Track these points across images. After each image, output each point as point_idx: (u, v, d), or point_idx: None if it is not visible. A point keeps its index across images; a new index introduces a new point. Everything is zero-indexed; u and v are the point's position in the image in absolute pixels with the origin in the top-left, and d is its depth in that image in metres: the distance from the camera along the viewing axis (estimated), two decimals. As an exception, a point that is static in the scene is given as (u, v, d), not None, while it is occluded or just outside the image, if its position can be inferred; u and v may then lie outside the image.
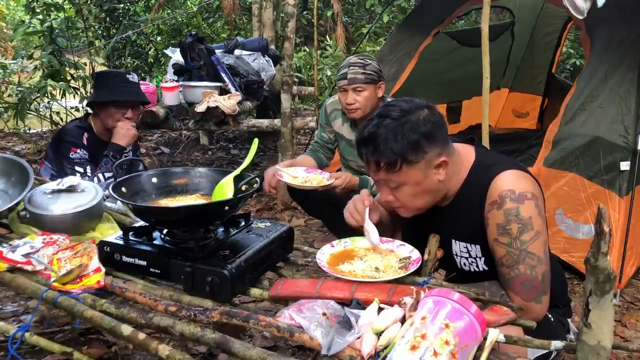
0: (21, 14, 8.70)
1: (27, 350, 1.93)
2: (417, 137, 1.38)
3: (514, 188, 1.39)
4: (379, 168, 1.41)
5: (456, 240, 1.54)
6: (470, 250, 1.52)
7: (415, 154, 1.39)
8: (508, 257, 1.39)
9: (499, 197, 1.39)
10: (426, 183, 1.43)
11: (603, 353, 0.97)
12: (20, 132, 5.94)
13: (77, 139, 2.72)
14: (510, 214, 1.37)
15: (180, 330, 1.22)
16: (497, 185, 1.41)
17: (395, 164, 1.38)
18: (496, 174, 1.42)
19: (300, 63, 7.83)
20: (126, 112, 2.76)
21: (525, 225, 1.37)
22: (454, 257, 1.56)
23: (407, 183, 1.42)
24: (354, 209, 1.57)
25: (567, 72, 6.81)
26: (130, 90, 2.81)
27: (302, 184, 2.46)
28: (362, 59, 2.63)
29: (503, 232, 1.39)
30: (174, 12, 8.12)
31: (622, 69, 2.73)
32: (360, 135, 1.46)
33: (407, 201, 1.46)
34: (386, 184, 1.45)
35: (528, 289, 1.38)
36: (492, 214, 1.40)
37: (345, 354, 1.07)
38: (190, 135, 5.81)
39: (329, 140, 2.93)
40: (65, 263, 1.49)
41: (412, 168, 1.40)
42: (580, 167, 2.69)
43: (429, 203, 1.49)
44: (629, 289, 2.62)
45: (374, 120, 1.43)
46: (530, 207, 1.38)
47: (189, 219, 1.45)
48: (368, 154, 1.43)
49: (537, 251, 1.38)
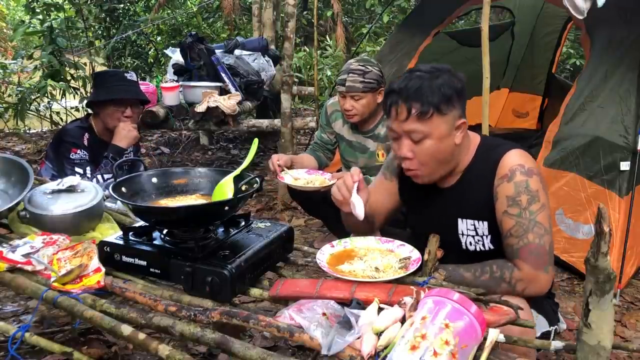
0: (21, 14, 8.70)
1: (27, 350, 1.93)
2: (449, 90, 1.44)
3: (523, 163, 1.48)
4: (409, 115, 1.44)
5: (463, 219, 1.56)
6: (477, 227, 1.55)
7: (446, 105, 1.44)
8: (517, 227, 1.44)
9: (510, 171, 1.47)
10: (446, 142, 1.47)
11: (603, 353, 0.97)
12: (20, 132, 5.94)
13: (78, 139, 2.71)
14: (521, 186, 1.45)
15: (180, 330, 1.22)
16: (507, 160, 1.48)
17: (428, 111, 1.42)
18: (505, 151, 1.50)
19: (300, 63, 7.83)
20: (125, 110, 2.74)
21: (533, 197, 1.44)
22: (460, 238, 1.58)
23: (431, 136, 1.45)
24: (342, 183, 1.55)
25: (567, 72, 6.81)
26: (128, 88, 2.80)
27: (304, 185, 2.46)
28: (362, 66, 2.58)
29: (513, 203, 1.45)
30: (174, 12, 8.12)
31: (622, 69, 2.73)
32: (390, 87, 1.49)
33: (425, 159, 1.48)
34: (409, 136, 1.47)
35: (536, 257, 1.42)
36: (502, 187, 1.47)
37: (345, 354, 1.07)
38: (190, 135, 5.81)
39: (329, 141, 2.93)
40: (65, 263, 1.49)
41: (441, 120, 1.44)
42: (580, 167, 2.69)
43: (442, 167, 1.52)
44: (629, 289, 2.62)
45: (405, 74, 1.49)
46: (537, 181, 1.46)
47: (189, 219, 1.45)
48: (399, 101, 1.45)
49: (544, 222, 1.44)
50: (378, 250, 1.51)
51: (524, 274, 1.43)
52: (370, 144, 2.76)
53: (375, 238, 1.57)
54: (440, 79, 1.45)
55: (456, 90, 1.46)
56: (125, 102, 2.75)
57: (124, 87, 2.79)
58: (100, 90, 2.80)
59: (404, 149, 1.49)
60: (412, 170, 1.52)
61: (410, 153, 1.48)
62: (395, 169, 1.72)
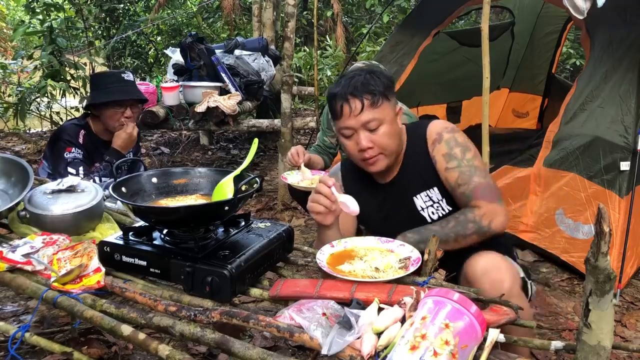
0: (21, 14, 8.70)
1: (27, 350, 1.93)
2: (387, 80, 1.64)
3: (445, 125, 1.70)
4: (363, 108, 1.59)
5: (417, 195, 1.71)
6: (431, 195, 1.69)
7: (389, 92, 1.64)
8: (462, 175, 1.62)
9: (437, 135, 1.68)
10: (395, 126, 1.65)
11: (603, 353, 0.97)
12: (20, 132, 5.95)
13: (74, 137, 2.70)
14: (451, 142, 1.65)
15: (180, 330, 1.22)
16: (432, 128, 1.70)
17: (378, 99, 1.59)
18: (427, 124, 1.72)
19: (300, 63, 7.84)
20: (125, 111, 2.74)
21: (464, 147, 1.64)
22: (422, 214, 1.71)
23: (384, 121, 1.61)
24: (317, 195, 1.51)
25: (567, 72, 6.82)
26: (126, 89, 2.79)
27: (308, 185, 2.46)
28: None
29: (450, 158, 1.64)
30: (174, 12, 8.13)
31: (622, 69, 2.73)
32: (333, 90, 1.64)
33: (384, 143, 1.62)
34: (366, 127, 1.61)
35: (489, 191, 1.60)
36: (436, 149, 1.66)
37: (345, 354, 1.07)
38: (190, 135, 5.81)
39: (331, 145, 2.94)
40: (65, 263, 1.49)
41: (388, 105, 1.62)
42: (580, 167, 2.69)
43: (397, 149, 1.67)
44: (629, 289, 2.62)
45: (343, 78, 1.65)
46: (462, 136, 1.68)
47: (189, 219, 1.45)
48: (350, 98, 1.59)
49: (481, 165, 1.65)
50: (378, 250, 1.51)
51: (484, 209, 1.56)
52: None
53: (375, 238, 1.57)
54: (376, 72, 1.64)
55: (391, 80, 1.67)
56: (124, 102, 2.74)
57: (122, 87, 2.78)
58: (98, 92, 2.79)
59: (363, 141, 1.61)
60: (373, 157, 1.63)
61: (370, 143, 1.61)
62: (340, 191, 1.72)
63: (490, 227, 1.56)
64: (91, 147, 2.75)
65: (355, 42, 8.52)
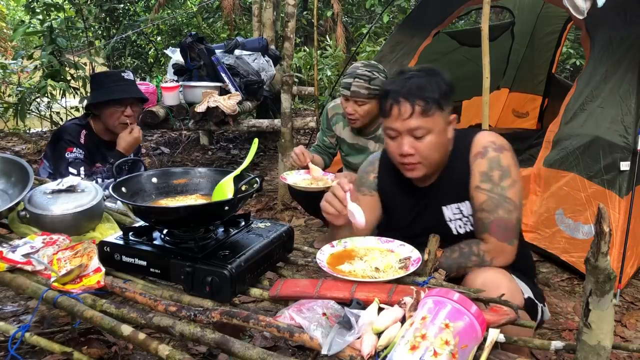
0: (21, 14, 8.70)
1: (27, 350, 1.93)
2: (445, 87, 1.54)
3: (493, 140, 1.59)
4: (413, 113, 1.50)
5: (447, 205, 1.63)
6: (462, 209, 1.62)
7: (445, 101, 1.53)
8: (489, 201, 1.53)
9: (483, 148, 1.57)
10: (443, 136, 1.55)
11: (603, 353, 0.97)
12: (20, 132, 5.94)
13: (75, 137, 2.70)
14: (493, 162, 1.55)
15: (180, 330, 1.22)
16: (480, 139, 1.60)
17: (431, 108, 1.50)
18: (476, 134, 1.62)
19: (300, 63, 7.84)
20: (125, 110, 2.73)
21: (505, 173, 1.54)
22: (449, 225, 1.64)
23: (432, 131, 1.52)
24: (332, 196, 1.54)
25: (567, 72, 6.82)
26: (127, 88, 2.79)
27: (307, 185, 2.46)
28: (369, 72, 2.56)
29: (486, 178, 1.55)
30: (174, 12, 8.12)
31: (622, 69, 2.73)
32: (388, 87, 1.55)
33: (426, 153, 1.53)
34: (412, 133, 1.52)
35: (504, 230, 1.52)
36: (477, 163, 1.57)
37: (345, 354, 1.07)
38: (190, 135, 5.81)
39: (331, 145, 2.94)
40: (65, 263, 1.49)
41: (440, 115, 1.52)
42: (580, 167, 2.69)
43: (440, 160, 1.59)
44: (629, 289, 2.62)
45: (399, 76, 1.55)
46: (509, 157, 1.56)
47: (189, 219, 1.45)
48: (401, 100, 1.50)
49: (514, 197, 1.53)
50: (378, 250, 1.51)
51: (491, 246, 1.52)
52: (371, 145, 2.76)
53: (375, 238, 1.57)
54: (435, 77, 1.54)
55: (450, 87, 1.55)
56: (124, 101, 2.74)
57: (122, 86, 2.78)
58: (98, 91, 2.79)
59: (406, 146, 1.53)
60: (412, 164, 1.56)
61: (411, 149, 1.53)
62: (372, 183, 1.76)
63: (492, 263, 1.52)
64: (92, 147, 2.75)
65: (355, 42, 8.52)
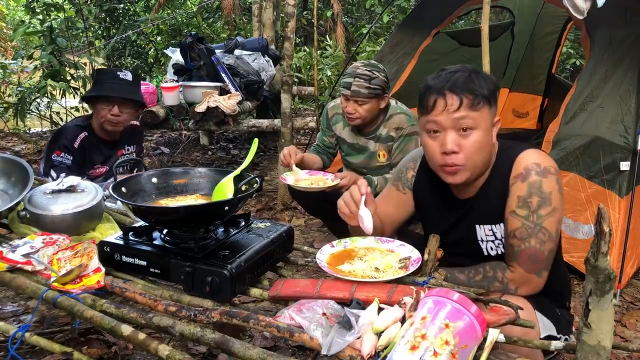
0: (21, 14, 8.70)
1: (27, 350, 1.93)
2: (493, 85, 1.45)
3: (539, 162, 1.45)
4: (461, 105, 1.40)
5: (481, 225, 1.54)
6: (495, 231, 1.53)
7: (494, 96, 1.45)
8: (522, 229, 1.43)
9: (525, 170, 1.44)
10: (488, 137, 1.45)
11: (603, 353, 0.97)
12: (20, 132, 5.94)
13: (70, 141, 2.69)
14: (534, 187, 1.42)
15: (180, 330, 1.22)
16: (523, 159, 1.46)
17: (480, 101, 1.41)
18: (521, 151, 1.48)
19: (300, 63, 7.84)
20: (112, 108, 2.70)
21: (545, 200, 1.41)
22: (480, 244, 1.56)
23: (479, 127, 1.42)
24: (349, 197, 1.52)
25: (567, 72, 6.82)
26: (117, 86, 2.75)
27: (307, 186, 2.46)
28: (369, 71, 2.55)
29: (523, 204, 1.43)
30: (174, 12, 8.12)
31: (622, 69, 2.73)
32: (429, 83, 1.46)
33: (472, 151, 1.42)
34: (457, 127, 1.41)
35: (533, 262, 1.42)
36: (516, 186, 1.45)
37: (345, 354, 1.07)
38: (190, 135, 5.81)
39: (331, 144, 2.94)
40: (65, 263, 1.49)
41: (488, 111, 1.43)
42: (580, 167, 2.69)
43: (483, 165, 1.48)
44: (629, 289, 2.62)
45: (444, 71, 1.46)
46: (552, 182, 1.43)
47: (189, 219, 1.45)
48: (447, 93, 1.40)
49: (550, 227, 1.42)
50: (378, 250, 1.51)
51: (517, 276, 1.44)
52: (371, 145, 2.76)
53: (375, 238, 1.57)
54: (482, 73, 1.47)
55: (496, 86, 1.47)
56: (113, 99, 2.71)
57: (114, 84, 2.76)
58: (93, 87, 2.82)
59: (450, 143, 1.42)
60: (456, 165, 1.44)
61: (456, 147, 1.42)
62: (408, 181, 1.70)
63: (516, 292, 1.44)
64: (90, 147, 2.75)
65: (355, 42, 8.52)
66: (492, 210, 1.51)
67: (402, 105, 2.77)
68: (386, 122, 2.70)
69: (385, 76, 2.60)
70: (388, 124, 2.70)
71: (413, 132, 2.66)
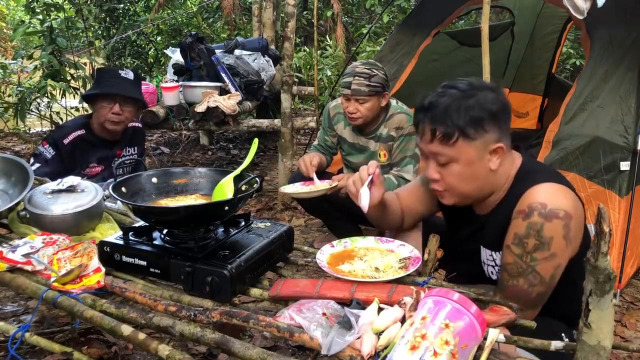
0: (21, 14, 8.70)
1: (27, 350, 1.93)
2: (480, 113, 1.32)
3: (546, 202, 1.31)
4: (434, 137, 1.35)
5: (484, 248, 1.51)
6: (495, 258, 1.48)
7: (474, 129, 1.32)
8: (514, 266, 1.36)
9: (528, 208, 1.32)
10: (477, 167, 1.36)
11: (603, 353, 0.97)
12: (20, 132, 5.94)
13: (60, 137, 2.70)
14: (533, 229, 1.31)
15: (180, 330, 1.22)
16: (530, 195, 1.33)
17: (452, 135, 1.32)
18: (534, 184, 1.35)
19: (300, 63, 7.83)
20: (113, 107, 2.70)
21: (542, 244, 1.31)
22: (482, 266, 1.53)
23: (458, 160, 1.35)
24: (357, 177, 1.50)
25: (567, 72, 6.81)
26: (118, 84, 2.75)
27: (309, 191, 2.48)
28: (369, 69, 2.56)
29: (519, 242, 1.34)
30: (174, 12, 8.12)
31: (622, 69, 2.73)
32: (420, 102, 1.40)
33: (452, 183, 1.39)
34: (435, 158, 1.38)
35: (519, 300, 1.34)
36: (516, 221, 1.35)
37: (345, 354, 1.07)
38: (190, 135, 5.81)
39: (332, 144, 2.94)
40: (65, 263, 1.49)
41: (468, 145, 1.33)
42: (580, 167, 2.68)
43: (473, 193, 1.42)
44: (629, 289, 2.62)
45: (439, 90, 1.38)
46: (557, 227, 1.30)
47: (189, 219, 1.46)
48: (425, 121, 1.36)
49: (543, 272, 1.33)
50: (378, 250, 1.51)
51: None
52: (371, 145, 2.76)
53: (375, 238, 1.57)
54: (473, 99, 1.33)
55: (490, 112, 1.33)
56: (113, 97, 2.70)
57: (114, 82, 2.76)
58: (94, 85, 2.82)
59: (430, 170, 1.41)
60: (438, 191, 1.45)
61: (436, 175, 1.40)
62: None
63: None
64: (84, 146, 2.74)
65: (355, 42, 8.52)
66: (495, 237, 1.44)
67: (402, 105, 2.78)
68: (386, 122, 2.71)
69: (384, 74, 2.61)
70: (388, 123, 2.70)
71: (413, 132, 2.65)
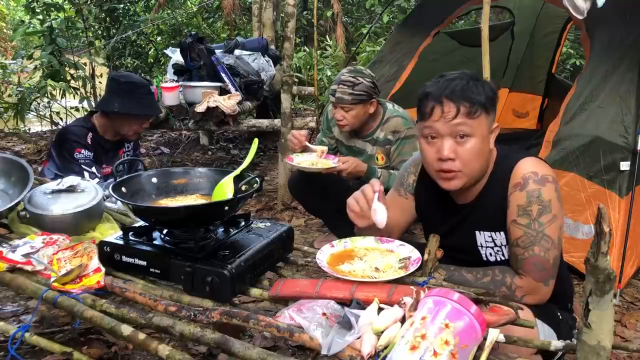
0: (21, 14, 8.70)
1: (27, 350, 1.93)
2: (491, 92, 1.46)
3: (537, 170, 1.45)
4: (458, 113, 1.41)
5: (481, 231, 1.54)
6: (495, 239, 1.53)
7: (491, 104, 1.45)
8: (525, 237, 1.43)
9: (523, 179, 1.44)
10: (485, 144, 1.46)
11: (603, 353, 0.97)
12: (20, 132, 5.93)
13: (82, 139, 2.71)
14: (532, 195, 1.42)
15: (180, 330, 1.22)
16: (520, 168, 1.46)
17: (477, 109, 1.42)
18: (518, 160, 1.48)
19: (300, 63, 7.83)
20: (145, 123, 2.78)
21: (545, 207, 1.42)
22: (479, 249, 1.56)
23: (475, 134, 1.43)
24: (360, 194, 1.50)
25: (567, 72, 6.81)
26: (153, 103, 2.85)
27: (308, 166, 2.50)
28: (353, 77, 2.57)
29: (523, 213, 1.43)
30: (174, 12, 8.12)
31: (622, 69, 2.73)
32: (427, 90, 1.47)
33: (467, 158, 1.44)
34: (454, 134, 1.43)
35: (539, 270, 1.41)
36: (514, 195, 1.45)
37: (345, 354, 1.07)
38: (190, 135, 5.81)
39: (330, 146, 2.95)
40: (65, 263, 1.49)
41: (485, 118, 1.44)
42: (580, 167, 2.68)
43: (480, 172, 1.49)
44: (629, 289, 2.62)
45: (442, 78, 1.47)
46: (551, 190, 1.43)
47: (189, 219, 1.46)
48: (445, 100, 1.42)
49: (552, 234, 1.42)
50: (378, 250, 1.51)
51: (524, 283, 1.43)
52: (369, 148, 2.77)
53: (375, 238, 1.57)
54: (481, 79, 1.47)
55: (494, 93, 1.47)
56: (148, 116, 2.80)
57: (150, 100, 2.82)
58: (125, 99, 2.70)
59: (447, 149, 1.43)
60: (452, 172, 1.45)
61: (452, 154, 1.43)
62: (410, 186, 1.71)
63: (522, 300, 1.42)
64: (98, 148, 2.77)
65: (355, 42, 8.52)
66: (491, 217, 1.51)
67: (398, 108, 2.78)
68: (383, 126, 2.71)
69: (371, 81, 2.61)
70: (385, 127, 2.71)
71: (410, 135, 2.66)
